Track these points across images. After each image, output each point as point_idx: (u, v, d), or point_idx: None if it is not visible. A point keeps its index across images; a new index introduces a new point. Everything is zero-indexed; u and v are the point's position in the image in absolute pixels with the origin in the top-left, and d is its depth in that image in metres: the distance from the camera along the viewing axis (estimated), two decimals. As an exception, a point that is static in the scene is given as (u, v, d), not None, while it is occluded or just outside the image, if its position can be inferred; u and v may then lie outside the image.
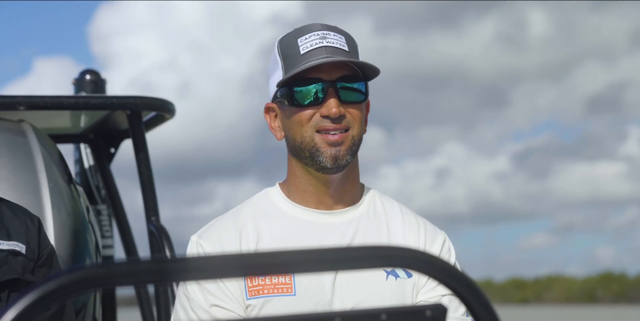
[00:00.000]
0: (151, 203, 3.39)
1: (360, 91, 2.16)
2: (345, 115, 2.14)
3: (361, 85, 2.16)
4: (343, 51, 2.14)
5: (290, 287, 2.11)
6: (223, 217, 2.24)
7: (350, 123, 2.14)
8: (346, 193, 2.21)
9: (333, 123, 2.13)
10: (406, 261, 1.14)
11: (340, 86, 2.14)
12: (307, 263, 1.09)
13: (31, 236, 2.40)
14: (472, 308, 1.18)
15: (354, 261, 1.12)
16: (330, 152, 2.13)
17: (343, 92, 2.14)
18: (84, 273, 1.02)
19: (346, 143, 2.14)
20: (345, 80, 2.14)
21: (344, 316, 1.14)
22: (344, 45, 2.16)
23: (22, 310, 0.98)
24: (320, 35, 2.16)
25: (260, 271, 1.09)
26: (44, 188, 2.92)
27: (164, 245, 3.24)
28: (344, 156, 2.14)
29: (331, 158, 2.13)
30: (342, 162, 2.14)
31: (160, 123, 3.63)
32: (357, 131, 2.16)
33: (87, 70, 3.87)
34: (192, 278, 1.07)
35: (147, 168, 3.42)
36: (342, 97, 2.14)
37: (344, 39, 2.17)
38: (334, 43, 2.15)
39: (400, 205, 2.30)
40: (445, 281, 1.16)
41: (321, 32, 2.16)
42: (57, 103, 3.28)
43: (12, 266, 2.34)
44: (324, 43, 2.15)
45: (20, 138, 3.05)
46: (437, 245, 2.24)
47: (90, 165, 3.86)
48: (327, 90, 2.13)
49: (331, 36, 2.16)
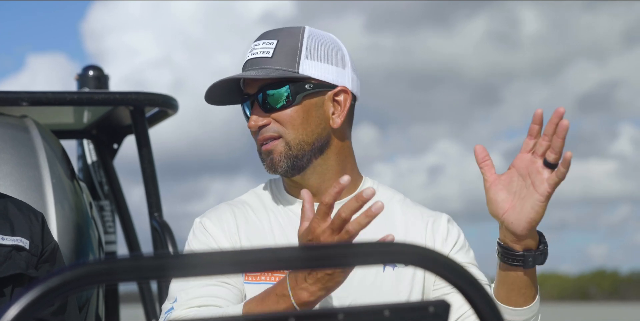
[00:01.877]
0: (154, 199, 3.39)
1: (283, 96, 2.17)
2: (269, 124, 2.17)
3: (284, 90, 2.17)
4: (264, 59, 2.18)
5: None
6: (225, 202, 2.27)
7: (278, 131, 2.17)
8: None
9: (259, 136, 2.18)
10: (407, 257, 1.14)
11: (263, 96, 2.17)
12: (308, 260, 1.09)
13: (35, 232, 2.40)
14: (474, 304, 1.18)
15: (355, 258, 1.12)
16: (266, 162, 2.19)
17: (264, 101, 2.17)
18: (87, 269, 1.02)
19: (277, 150, 2.17)
20: (267, 89, 2.17)
21: (348, 312, 1.14)
22: (268, 51, 2.18)
23: (26, 305, 0.99)
24: (251, 47, 2.22)
25: (261, 268, 1.09)
26: (46, 184, 2.92)
27: (167, 241, 3.24)
28: (277, 163, 2.17)
29: (268, 167, 2.19)
30: (279, 169, 2.17)
31: (163, 119, 3.63)
32: (292, 135, 2.17)
33: (90, 66, 3.87)
34: (194, 274, 1.07)
35: (150, 164, 3.42)
36: (264, 107, 2.17)
37: (277, 42, 2.19)
38: (258, 53, 2.19)
39: (399, 194, 2.31)
40: (447, 276, 1.16)
41: (254, 43, 2.22)
42: (60, 99, 3.28)
43: (15, 262, 2.34)
44: (249, 56, 2.21)
45: (23, 134, 3.05)
46: (443, 231, 2.24)
47: (93, 160, 3.86)
48: (253, 104, 2.19)
49: (259, 46, 2.20)
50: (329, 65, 2.19)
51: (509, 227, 2.03)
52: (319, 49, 2.20)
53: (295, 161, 2.17)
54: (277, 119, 2.17)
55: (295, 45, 2.18)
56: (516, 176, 2.04)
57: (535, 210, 2.01)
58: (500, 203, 2.04)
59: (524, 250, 2.06)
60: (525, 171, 2.03)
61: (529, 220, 2.02)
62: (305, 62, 2.17)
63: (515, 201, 2.03)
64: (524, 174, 2.03)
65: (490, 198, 2.05)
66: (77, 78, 3.85)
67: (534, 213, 2.01)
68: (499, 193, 2.04)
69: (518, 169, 2.04)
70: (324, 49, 2.20)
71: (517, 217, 2.02)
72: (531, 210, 2.01)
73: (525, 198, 2.02)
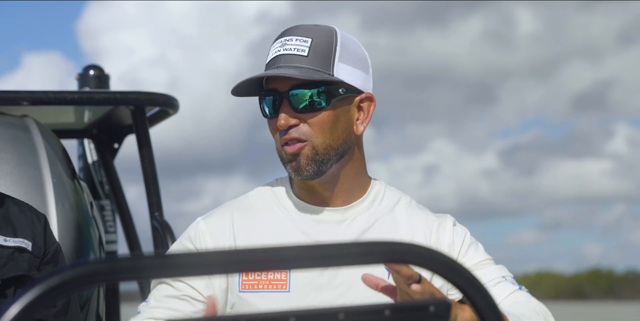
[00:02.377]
0: (155, 199, 3.39)
1: (315, 98, 2.12)
2: (298, 126, 2.12)
3: (317, 92, 2.11)
4: (299, 57, 2.12)
5: (285, 284, 2.11)
6: (228, 203, 2.25)
7: (306, 133, 2.12)
8: (343, 191, 2.20)
9: (285, 135, 2.12)
10: (408, 256, 1.14)
11: (293, 95, 2.11)
12: (306, 260, 1.09)
13: (37, 233, 2.40)
14: (475, 303, 1.18)
15: (355, 257, 1.12)
16: (291, 165, 2.13)
17: (296, 101, 2.11)
18: (88, 268, 1.02)
19: (304, 154, 2.12)
20: (300, 88, 2.11)
21: (348, 311, 1.14)
22: (304, 49, 2.12)
23: (26, 305, 0.99)
24: (282, 42, 2.15)
25: (260, 267, 1.09)
26: (47, 184, 2.92)
27: (168, 241, 3.24)
28: (304, 167, 2.12)
29: (293, 170, 2.14)
30: (305, 174, 2.13)
31: (164, 118, 3.63)
32: (320, 140, 2.12)
33: (91, 65, 3.87)
34: (194, 274, 1.07)
35: (151, 164, 3.42)
36: (296, 107, 2.11)
37: (311, 41, 2.13)
38: (292, 49, 2.12)
39: (407, 197, 2.29)
40: (448, 276, 1.16)
41: (284, 38, 2.15)
42: (61, 98, 3.28)
43: (18, 263, 2.34)
44: (281, 51, 2.13)
45: (24, 133, 3.05)
46: (448, 234, 2.22)
47: (93, 160, 3.86)
48: (281, 102, 2.12)
49: (292, 42, 2.13)
50: (357, 70, 2.16)
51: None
52: (351, 52, 2.16)
53: (320, 166, 2.13)
54: (307, 121, 2.12)
55: (330, 46, 2.14)
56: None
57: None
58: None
59: None
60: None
61: None
62: (339, 65, 2.13)
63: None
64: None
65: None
66: (77, 77, 3.85)
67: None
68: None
69: None
70: (354, 53, 2.17)
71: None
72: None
73: None
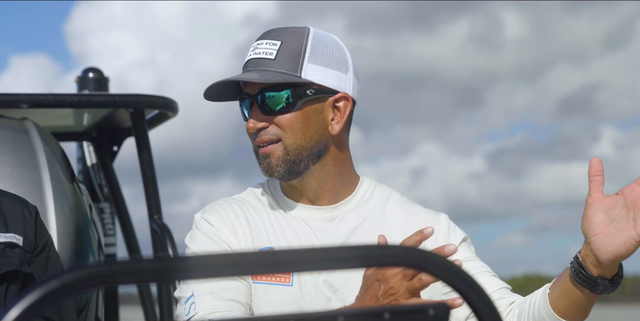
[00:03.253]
0: (154, 202, 3.39)
1: (283, 100, 2.14)
2: (267, 128, 2.15)
3: (285, 93, 2.14)
4: (267, 61, 2.15)
5: (288, 277, 2.14)
6: (224, 199, 2.26)
7: (277, 134, 2.15)
8: (328, 191, 2.21)
9: (257, 138, 2.16)
10: (408, 260, 1.14)
11: (262, 98, 2.15)
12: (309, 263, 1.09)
13: (28, 227, 2.40)
14: (474, 306, 1.18)
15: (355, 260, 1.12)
16: (263, 165, 2.17)
17: (264, 104, 2.15)
18: (87, 271, 1.02)
19: (275, 154, 2.15)
20: (269, 91, 2.14)
21: (347, 315, 1.14)
22: (271, 53, 2.15)
23: (26, 308, 0.98)
24: (254, 46, 2.19)
25: (262, 270, 1.09)
26: (46, 186, 2.92)
27: (167, 244, 3.24)
28: (274, 168, 2.15)
29: (265, 171, 2.17)
30: (276, 174, 2.16)
31: (163, 121, 3.63)
32: (291, 140, 2.14)
33: (90, 68, 3.87)
34: (194, 277, 1.07)
35: (150, 167, 3.42)
36: (264, 110, 2.15)
37: (280, 43, 2.16)
38: (261, 53, 2.16)
39: (397, 193, 2.30)
40: (447, 279, 1.16)
41: (257, 42, 2.19)
42: (60, 101, 3.28)
43: (9, 259, 2.34)
44: (251, 55, 2.18)
45: (23, 136, 3.05)
46: (443, 231, 2.23)
47: (92, 163, 3.86)
48: (252, 105, 2.16)
49: (262, 46, 2.17)
50: (331, 70, 2.17)
51: (594, 250, 1.96)
52: (323, 52, 2.17)
53: (292, 166, 2.15)
54: (276, 123, 2.15)
55: (299, 48, 2.16)
56: (621, 204, 1.96)
57: (627, 246, 1.93)
58: (594, 224, 1.96)
59: (597, 276, 1.99)
60: (632, 203, 1.95)
61: (616, 254, 1.94)
62: (308, 66, 2.15)
63: (610, 228, 1.95)
64: (630, 206, 1.94)
65: (588, 215, 1.97)
66: (77, 80, 3.85)
67: (624, 249, 1.94)
68: (597, 214, 1.96)
69: (626, 198, 1.96)
70: (327, 53, 2.18)
71: (605, 244, 1.95)
72: (622, 244, 1.93)
73: (622, 230, 1.94)
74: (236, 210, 2.20)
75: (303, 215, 2.21)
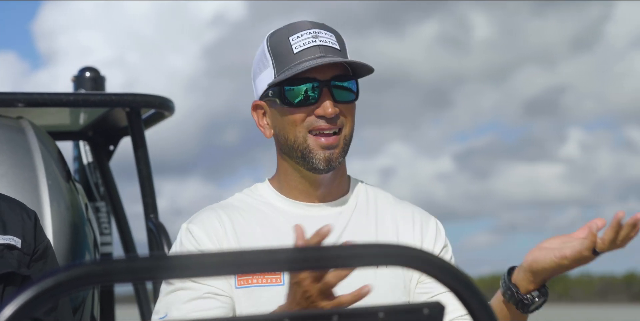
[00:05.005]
0: (150, 201, 3.39)
1: (352, 90, 2.16)
2: (339, 115, 2.14)
3: (352, 84, 2.16)
4: (335, 50, 2.15)
5: (279, 277, 2.12)
6: (210, 206, 2.24)
7: (343, 123, 2.15)
8: (335, 187, 2.23)
9: (328, 123, 2.13)
10: (404, 259, 1.14)
11: (334, 85, 2.13)
12: (304, 262, 1.09)
13: (27, 230, 2.40)
14: (469, 306, 1.18)
15: (351, 260, 1.12)
16: (324, 155, 2.13)
17: (336, 91, 2.14)
18: (82, 270, 1.02)
19: (339, 145, 2.15)
20: (338, 79, 2.14)
21: (342, 313, 1.14)
22: (335, 43, 2.16)
23: (20, 306, 0.99)
24: (313, 34, 2.16)
25: (256, 269, 1.09)
26: (42, 185, 2.92)
27: (163, 243, 3.24)
28: (336, 158, 2.15)
29: (324, 161, 2.14)
30: (335, 164, 2.15)
31: (160, 120, 3.63)
32: (349, 131, 2.17)
33: (87, 67, 3.86)
34: (189, 276, 1.07)
35: (146, 166, 3.42)
36: (335, 97, 2.13)
37: (334, 37, 2.18)
38: (326, 41, 2.15)
39: (388, 193, 2.32)
40: (443, 279, 1.16)
41: (313, 31, 2.16)
42: (56, 100, 3.28)
43: (7, 260, 2.34)
44: (317, 42, 2.14)
45: (19, 135, 3.05)
46: (431, 233, 2.25)
47: (89, 162, 3.85)
48: (322, 90, 2.13)
49: (323, 34, 2.16)
50: None
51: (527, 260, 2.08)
52: (348, 50, 2.22)
53: (344, 158, 2.18)
54: (343, 112, 2.15)
55: (343, 41, 2.20)
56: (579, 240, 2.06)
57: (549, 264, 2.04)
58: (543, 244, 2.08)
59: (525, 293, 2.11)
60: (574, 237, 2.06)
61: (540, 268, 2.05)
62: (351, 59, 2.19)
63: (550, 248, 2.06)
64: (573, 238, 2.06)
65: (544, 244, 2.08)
66: (73, 79, 3.84)
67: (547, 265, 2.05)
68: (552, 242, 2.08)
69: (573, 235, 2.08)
70: None
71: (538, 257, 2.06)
72: (550, 261, 2.04)
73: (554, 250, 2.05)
74: (222, 218, 2.18)
75: (300, 212, 2.20)
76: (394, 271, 2.19)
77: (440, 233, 2.26)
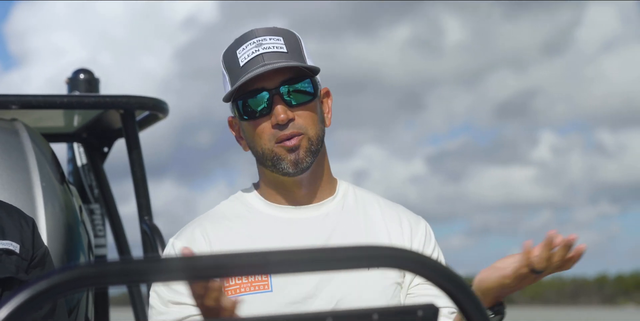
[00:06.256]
0: (144, 203, 3.39)
1: (306, 91, 2.15)
2: (294, 119, 2.13)
3: (306, 84, 2.15)
4: (281, 53, 2.13)
5: (267, 284, 2.11)
6: (198, 218, 2.25)
7: (302, 127, 2.14)
8: (318, 188, 2.23)
9: (286, 130, 2.12)
10: (396, 261, 1.15)
11: (285, 91, 2.13)
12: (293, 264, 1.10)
13: (25, 236, 2.40)
14: (462, 307, 1.18)
15: (342, 261, 1.13)
16: (290, 158, 2.13)
17: (289, 96, 2.13)
18: (76, 272, 1.02)
19: (303, 145, 2.14)
20: (288, 83, 2.13)
21: (336, 315, 1.15)
22: (282, 47, 2.14)
23: (14, 308, 0.99)
24: (256, 43, 2.15)
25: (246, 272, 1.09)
26: (36, 187, 2.91)
27: (157, 245, 3.24)
28: (303, 159, 2.14)
29: (292, 164, 2.14)
30: (303, 165, 2.15)
31: (154, 122, 3.63)
32: (313, 131, 2.15)
33: (81, 69, 3.86)
34: (183, 278, 1.08)
35: (140, 168, 3.42)
36: (289, 102, 2.13)
37: (282, 39, 2.16)
38: (271, 47, 2.14)
39: (377, 195, 2.32)
40: (436, 280, 1.17)
41: (257, 39, 2.15)
42: (50, 102, 3.28)
43: (5, 265, 2.34)
44: (260, 50, 2.14)
45: (13, 137, 3.05)
46: (421, 235, 2.26)
47: (83, 164, 3.85)
48: (273, 98, 2.13)
49: (267, 41, 2.15)
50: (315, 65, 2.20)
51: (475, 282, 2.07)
52: (306, 48, 2.21)
53: (314, 157, 2.16)
54: (301, 115, 2.14)
55: (297, 42, 2.18)
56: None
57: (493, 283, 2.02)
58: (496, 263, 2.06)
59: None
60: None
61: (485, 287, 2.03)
62: (308, 60, 2.18)
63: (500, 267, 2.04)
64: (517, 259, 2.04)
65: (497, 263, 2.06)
66: (67, 81, 3.84)
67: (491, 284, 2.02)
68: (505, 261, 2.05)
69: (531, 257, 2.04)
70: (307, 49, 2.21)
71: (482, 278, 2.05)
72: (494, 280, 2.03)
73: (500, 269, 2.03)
74: (207, 232, 2.19)
75: (286, 215, 2.21)
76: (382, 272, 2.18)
77: (430, 235, 2.27)
